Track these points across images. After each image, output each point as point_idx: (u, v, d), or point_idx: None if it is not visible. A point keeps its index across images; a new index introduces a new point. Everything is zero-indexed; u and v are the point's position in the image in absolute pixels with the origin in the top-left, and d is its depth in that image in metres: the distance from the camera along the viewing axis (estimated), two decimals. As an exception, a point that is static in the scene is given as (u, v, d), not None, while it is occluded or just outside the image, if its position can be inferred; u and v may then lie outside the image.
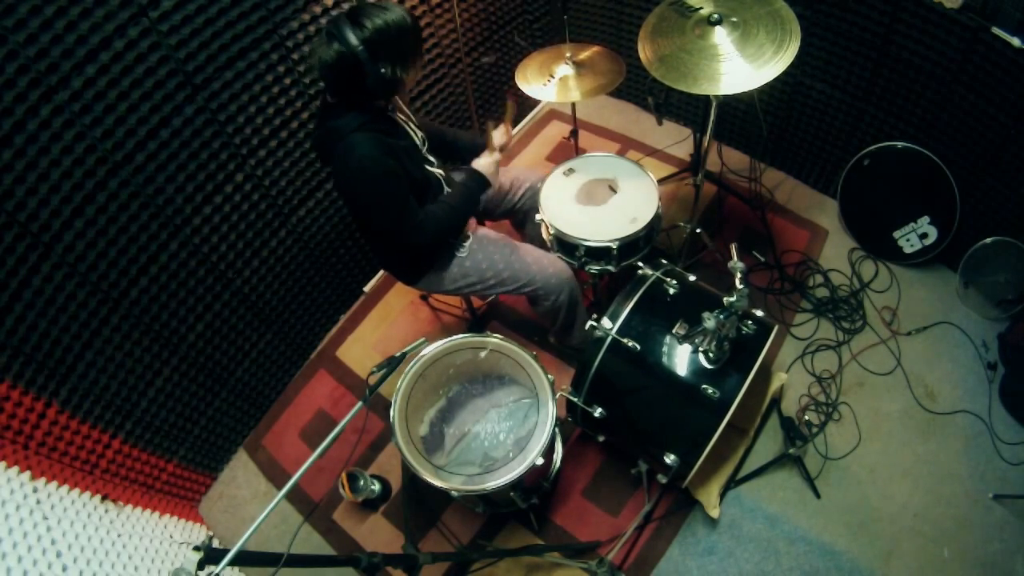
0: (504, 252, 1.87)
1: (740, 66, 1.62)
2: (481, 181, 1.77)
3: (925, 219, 2.29)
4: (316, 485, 2.17)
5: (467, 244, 1.87)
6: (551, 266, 1.89)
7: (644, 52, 1.76)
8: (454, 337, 1.71)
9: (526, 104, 3.20)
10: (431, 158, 1.78)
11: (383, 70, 1.41)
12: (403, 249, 1.80)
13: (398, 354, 1.36)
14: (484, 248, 1.87)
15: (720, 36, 1.68)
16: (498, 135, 1.84)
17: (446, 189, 1.81)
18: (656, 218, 1.90)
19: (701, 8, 1.75)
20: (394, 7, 1.45)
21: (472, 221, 1.99)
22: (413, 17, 1.47)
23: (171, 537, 1.90)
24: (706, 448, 1.53)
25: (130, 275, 1.76)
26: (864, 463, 2.00)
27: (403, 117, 1.71)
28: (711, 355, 1.56)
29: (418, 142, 1.72)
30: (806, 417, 2.09)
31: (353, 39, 1.37)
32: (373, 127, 1.53)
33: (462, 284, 1.88)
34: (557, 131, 3.15)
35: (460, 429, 1.84)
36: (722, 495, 1.95)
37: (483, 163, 1.79)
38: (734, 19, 1.69)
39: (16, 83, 1.35)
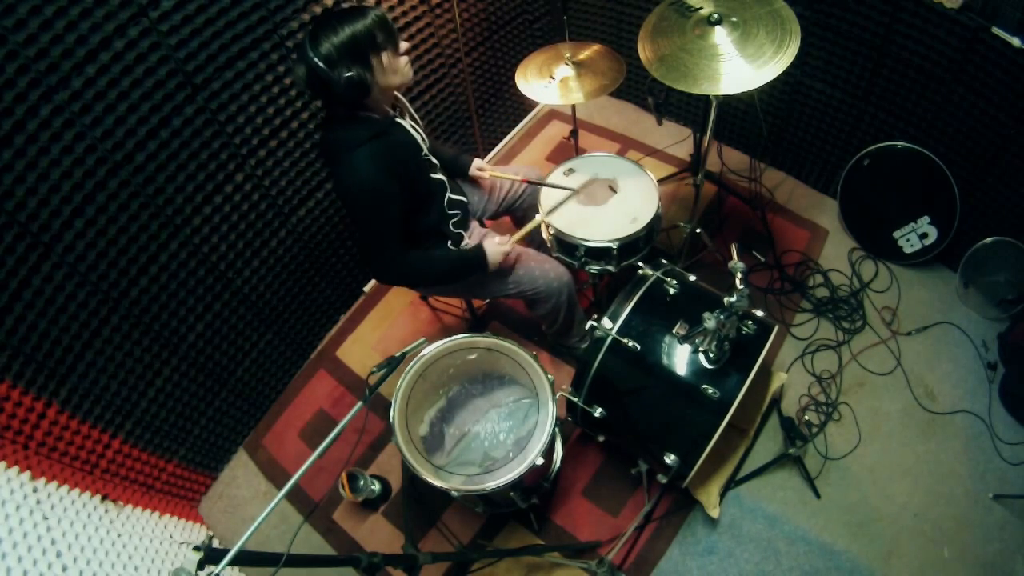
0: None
1: (740, 66, 1.62)
2: (481, 259, 1.75)
3: (925, 219, 2.29)
4: (316, 485, 2.17)
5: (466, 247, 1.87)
6: (552, 270, 1.90)
7: (644, 52, 1.76)
8: (454, 337, 1.71)
9: (526, 104, 3.20)
10: (433, 160, 1.78)
11: (347, 74, 1.42)
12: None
13: (398, 354, 1.36)
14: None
15: (720, 36, 1.68)
16: (530, 226, 1.85)
17: (449, 196, 1.81)
18: (656, 218, 1.90)
19: (701, 8, 1.75)
20: (353, 12, 1.44)
21: (474, 224, 1.99)
22: (375, 18, 1.45)
23: (171, 537, 1.90)
24: (706, 448, 1.53)
25: (130, 275, 1.76)
26: (864, 463, 2.00)
27: (410, 121, 1.70)
28: (711, 355, 1.56)
29: (423, 147, 1.72)
30: (806, 417, 2.09)
31: (310, 54, 1.40)
32: (379, 140, 1.52)
33: (462, 286, 1.88)
34: (557, 131, 3.15)
35: (460, 429, 1.84)
36: (722, 495, 1.95)
37: (492, 247, 1.77)
38: (734, 19, 1.69)
39: (16, 83, 1.35)
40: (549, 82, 2.08)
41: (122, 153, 1.61)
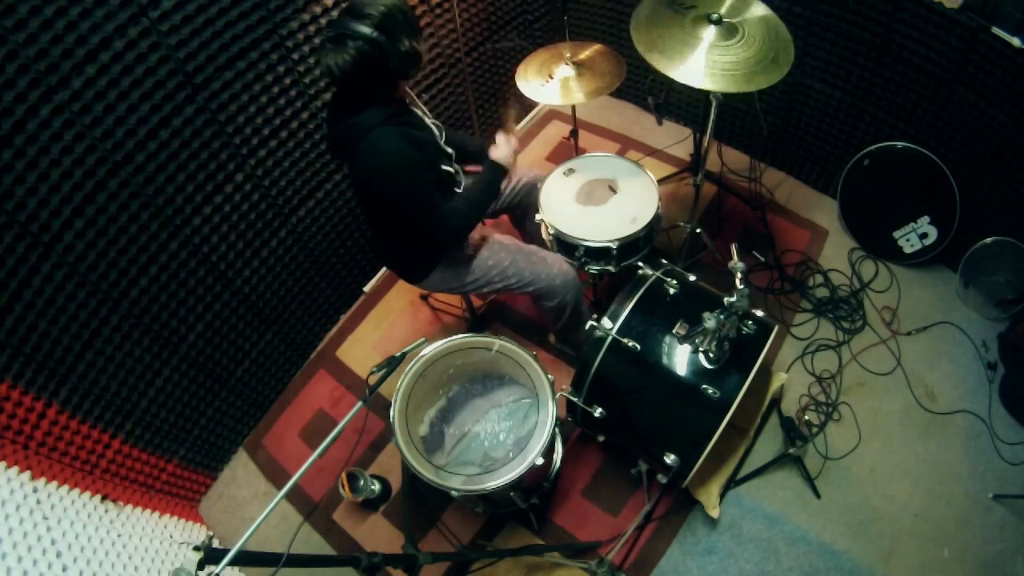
0: (512, 252, 1.87)
1: (702, 63, 1.61)
2: (499, 170, 1.76)
3: (925, 219, 2.29)
4: (316, 485, 2.17)
5: (472, 243, 1.87)
6: (556, 266, 1.90)
7: (638, 38, 1.73)
8: (454, 337, 1.71)
9: (526, 104, 3.19)
10: (448, 150, 1.78)
11: (403, 46, 1.41)
12: (425, 243, 1.79)
13: (398, 354, 1.36)
14: (491, 247, 1.88)
15: (708, 34, 1.66)
16: (513, 122, 1.83)
17: (462, 181, 1.81)
18: (656, 218, 1.90)
19: (696, 7, 1.73)
20: None
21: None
22: None
23: (171, 537, 1.90)
24: (706, 448, 1.53)
25: (130, 275, 1.76)
26: (864, 463, 2.00)
27: (420, 110, 1.71)
28: (711, 355, 1.56)
29: (436, 134, 1.72)
30: (806, 417, 2.09)
31: (366, 30, 1.36)
32: (397, 121, 1.53)
33: (468, 282, 1.88)
34: (557, 131, 3.15)
35: (460, 429, 1.84)
36: (722, 495, 1.95)
37: (500, 154, 1.77)
38: (734, 22, 1.68)
39: (16, 83, 1.35)
40: (548, 80, 2.07)
41: (122, 153, 1.61)
